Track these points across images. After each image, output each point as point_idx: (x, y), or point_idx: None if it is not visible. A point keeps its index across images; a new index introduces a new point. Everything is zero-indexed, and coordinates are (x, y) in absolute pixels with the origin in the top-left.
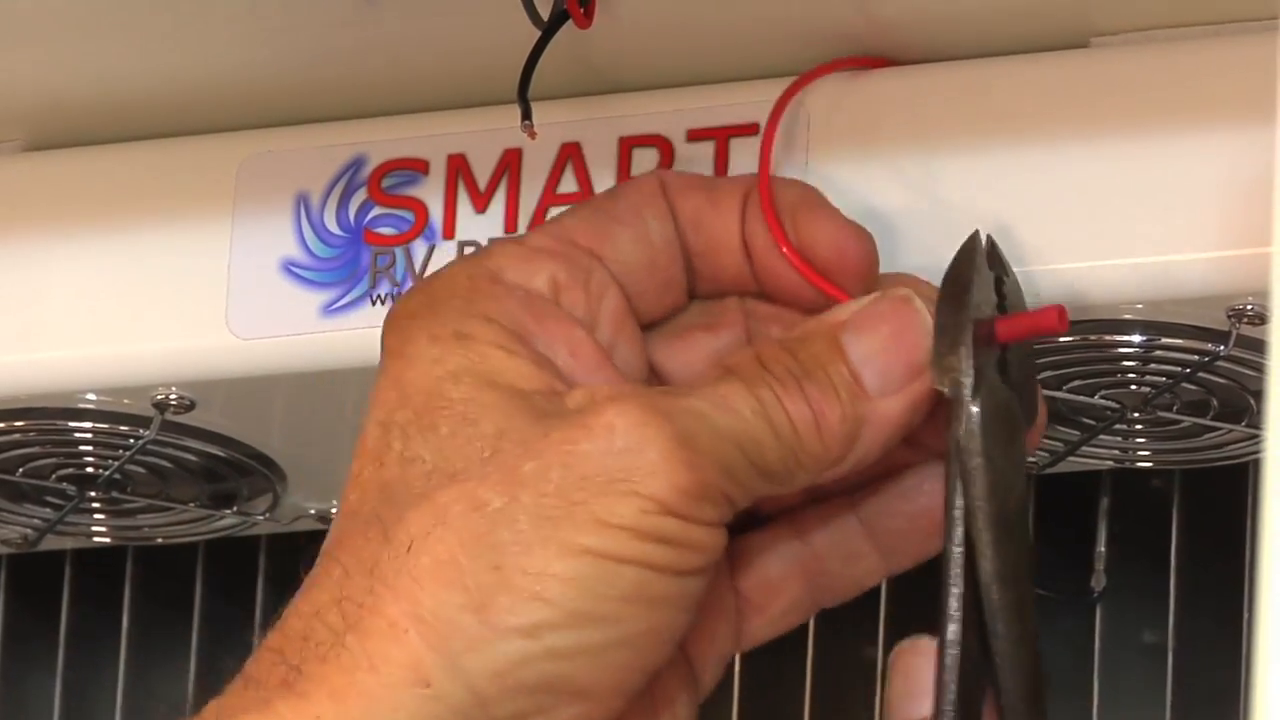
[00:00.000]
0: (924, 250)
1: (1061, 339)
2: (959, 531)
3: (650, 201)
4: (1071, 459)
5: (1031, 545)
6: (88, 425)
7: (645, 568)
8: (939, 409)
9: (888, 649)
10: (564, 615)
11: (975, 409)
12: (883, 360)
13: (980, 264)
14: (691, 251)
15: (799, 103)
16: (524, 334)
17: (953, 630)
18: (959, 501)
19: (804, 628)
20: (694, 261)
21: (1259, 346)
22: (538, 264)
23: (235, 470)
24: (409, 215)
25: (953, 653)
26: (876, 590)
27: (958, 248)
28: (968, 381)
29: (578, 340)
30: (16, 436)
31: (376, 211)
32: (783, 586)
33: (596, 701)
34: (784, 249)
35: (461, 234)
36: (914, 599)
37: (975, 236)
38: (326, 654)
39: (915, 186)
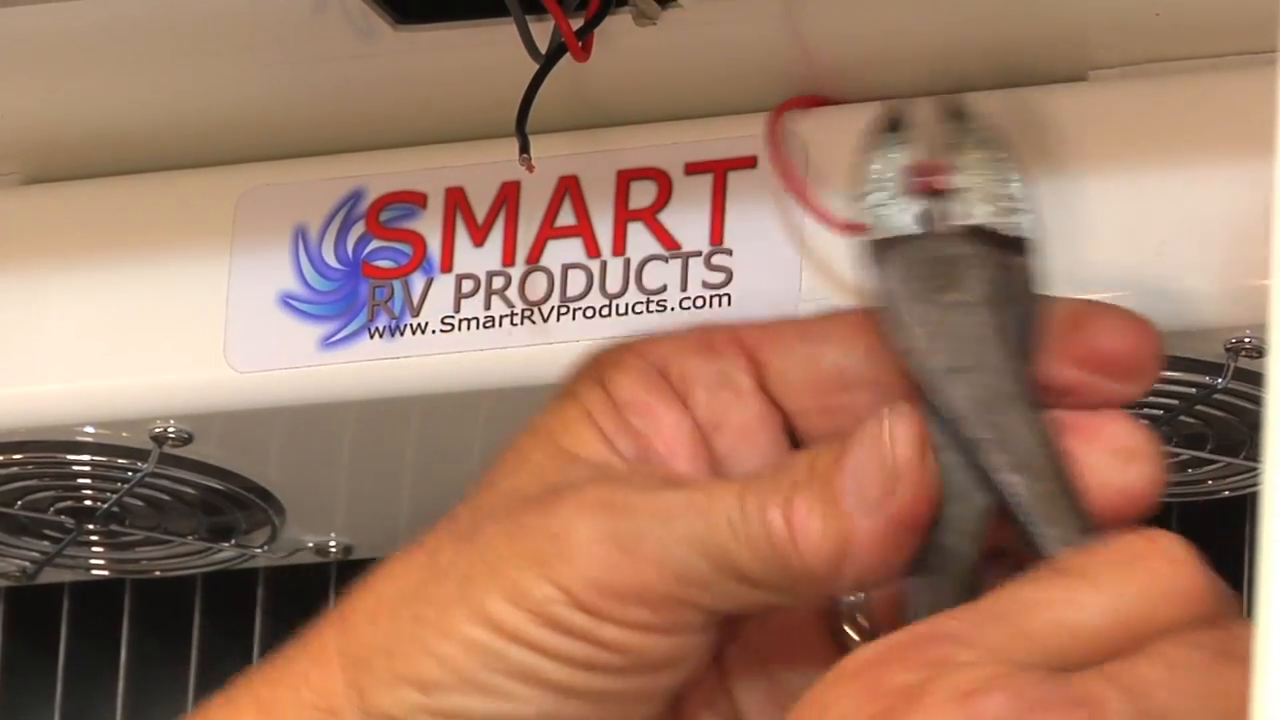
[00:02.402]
0: None
1: None
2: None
3: (844, 328)
4: None
5: (1016, 369)
6: (86, 458)
7: (540, 653)
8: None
9: None
10: (454, 679)
11: (880, 268)
12: (857, 478)
13: (868, 146)
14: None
15: (796, 135)
16: (622, 405)
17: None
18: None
19: None
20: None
21: (1257, 379)
22: (687, 351)
23: (233, 503)
24: (407, 248)
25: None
26: None
27: None
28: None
29: (678, 430)
30: (14, 469)
31: (375, 244)
32: None
33: None
34: None
35: (459, 267)
36: None
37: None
38: (273, 672)
39: None
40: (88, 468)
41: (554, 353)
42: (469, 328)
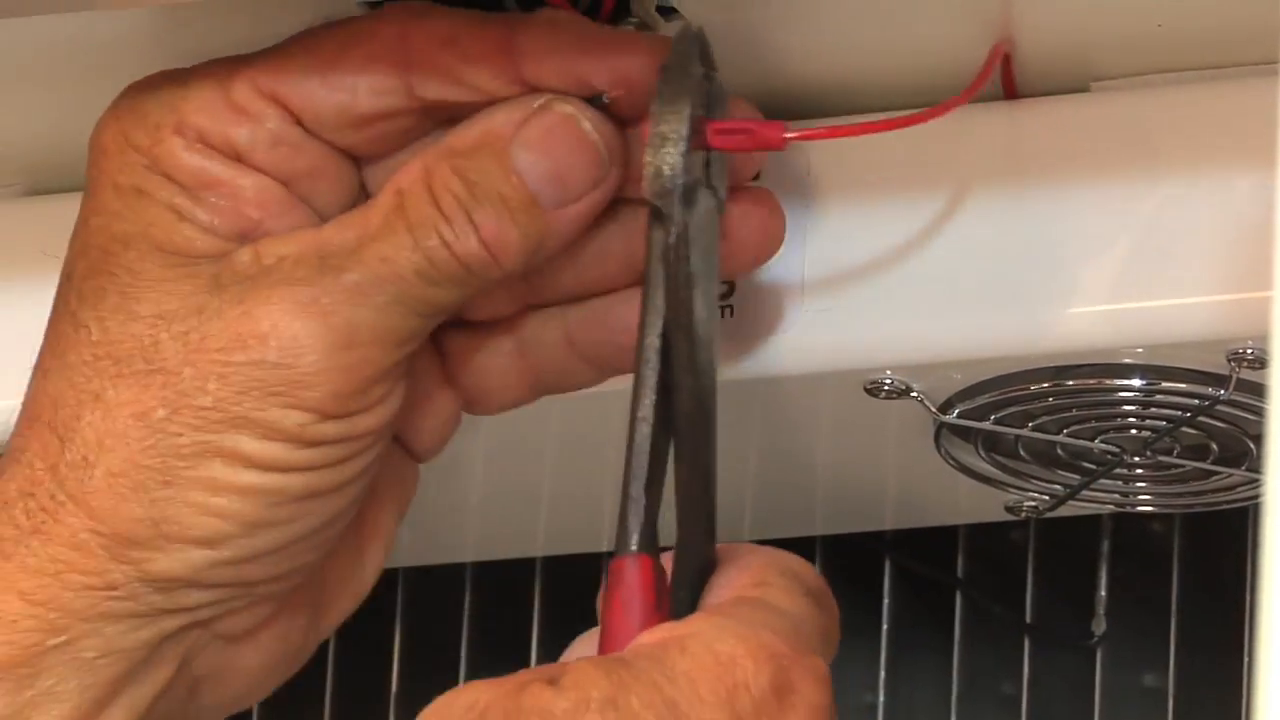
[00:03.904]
0: (924, 296)
1: (1066, 383)
2: (655, 332)
3: (364, 62)
4: (1072, 503)
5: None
6: None
7: (312, 470)
8: (625, 213)
9: (889, 694)
10: (239, 526)
11: (686, 220)
12: (558, 180)
13: (695, 70)
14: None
15: (802, 152)
16: (196, 187)
17: (643, 433)
18: (659, 303)
19: None
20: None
21: (1259, 390)
22: (220, 119)
23: None
24: None
25: (641, 458)
26: (877, 637)
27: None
28: (678, 193)
29: (260, 190)
30: None
31: None
32: (502, 391)
33: (284, 582)
34: None
35: None
36: (915, 644)
37: (687, 33)
38: (10, 553)
39: (916, 232)
40: None
41: None
42: None
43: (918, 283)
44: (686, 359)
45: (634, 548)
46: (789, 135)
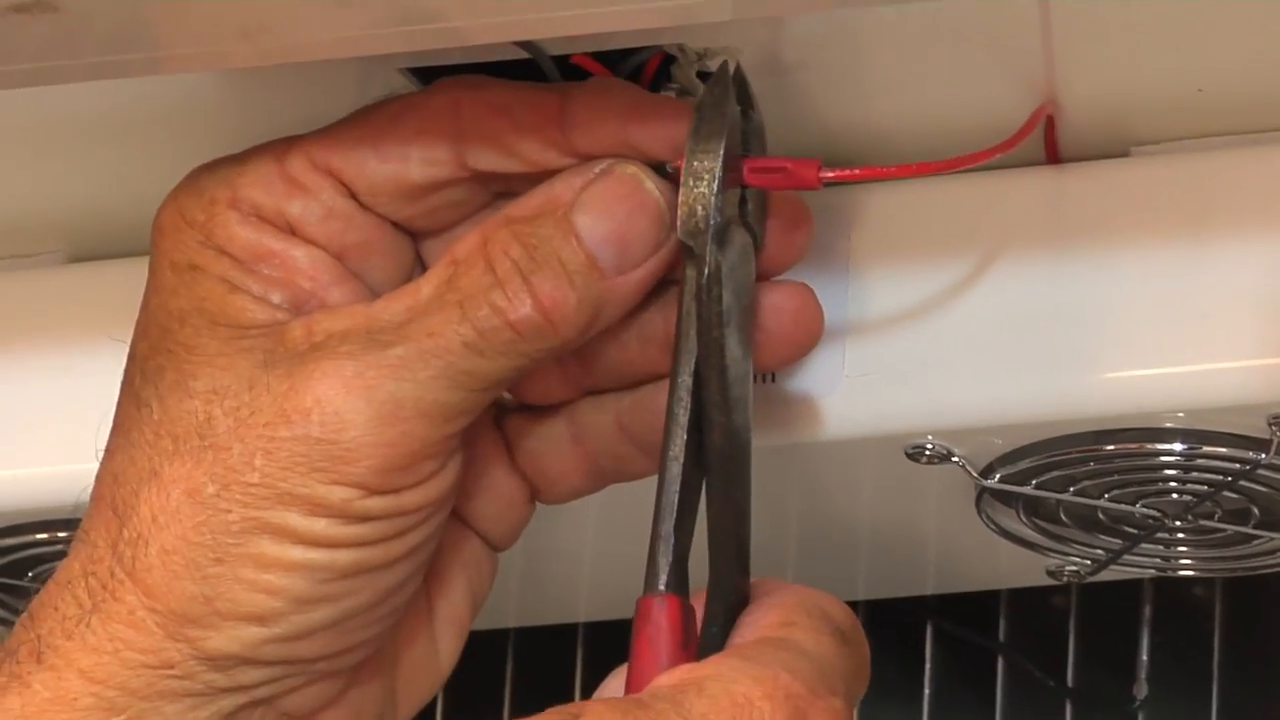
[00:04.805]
0: (966, 361)
1: (1107, 448)
2: (688, 371)
3: (416, 132)
4: (1113, 568)
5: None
6: None
7: (360, 546)
8: (666, 294)
9: None
10: (289, 602)
11: (719, 259)
12: (619, 243)
13: (732, 110)
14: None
15: (839, 210)
16: (249, 260)
17: (674, 471)
18: (691, 342)
19: None
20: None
21: None
22: (275, 194)
23: None
24: None
25: (671, 496)
26: (919, 702)
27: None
28: (711, 232)
29: (313, 262)
30: (60, 547)
31: None
32: (563, 479)
33: (342, 659)
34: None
35: None
36: (957, 709)
37: (725, 71)
38: (72, 631)
39: (957, 298)
40: None
41: None
42: None
43: (959, 348)
44: (719, 396)
45: (662, 587)
46: (825, 175)
